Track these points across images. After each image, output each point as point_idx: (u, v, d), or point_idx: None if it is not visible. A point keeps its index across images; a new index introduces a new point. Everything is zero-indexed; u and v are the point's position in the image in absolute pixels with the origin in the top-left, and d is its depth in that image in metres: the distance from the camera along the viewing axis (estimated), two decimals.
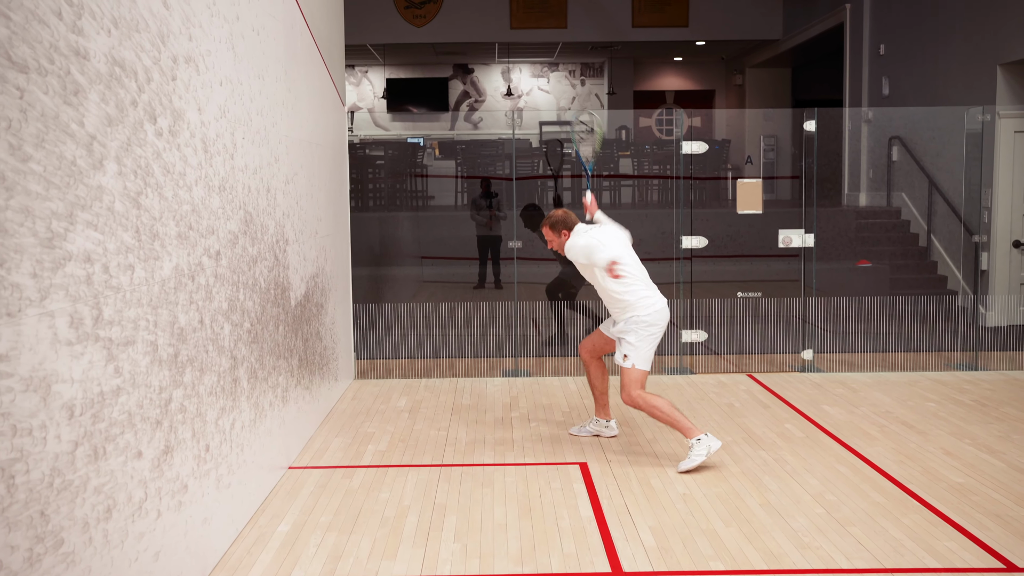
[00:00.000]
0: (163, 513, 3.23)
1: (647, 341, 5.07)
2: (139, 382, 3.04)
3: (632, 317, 5.08)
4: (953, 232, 10.12)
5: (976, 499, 4.48)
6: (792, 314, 7.99)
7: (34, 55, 2.41)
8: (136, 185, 3.05)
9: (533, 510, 4.40)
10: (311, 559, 3.86)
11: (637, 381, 5.05)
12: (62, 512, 2.52)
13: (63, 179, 2.55)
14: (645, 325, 5.06)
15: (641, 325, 5.06)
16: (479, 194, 11.59)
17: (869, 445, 5.37)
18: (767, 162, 16.66)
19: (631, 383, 5.05)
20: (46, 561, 2.43)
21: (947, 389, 6.76)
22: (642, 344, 5.06)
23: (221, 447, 3.88)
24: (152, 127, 3.20)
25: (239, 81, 4.25)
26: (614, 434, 5.57)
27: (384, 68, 19.09)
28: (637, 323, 5.06)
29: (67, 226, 2.57)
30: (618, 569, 3.74)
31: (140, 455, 3.05)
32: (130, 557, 2.95)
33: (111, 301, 2.84)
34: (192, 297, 3.56)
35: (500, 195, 11.66)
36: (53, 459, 2.48)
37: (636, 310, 5.09)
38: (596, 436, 5.58)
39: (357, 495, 4.62)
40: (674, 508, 4.41)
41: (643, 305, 5.09)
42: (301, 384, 5.40)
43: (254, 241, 4.45)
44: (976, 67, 9.73)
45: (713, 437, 4.94)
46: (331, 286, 6.37)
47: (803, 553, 3.87)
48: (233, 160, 4.14)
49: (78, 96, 2.65)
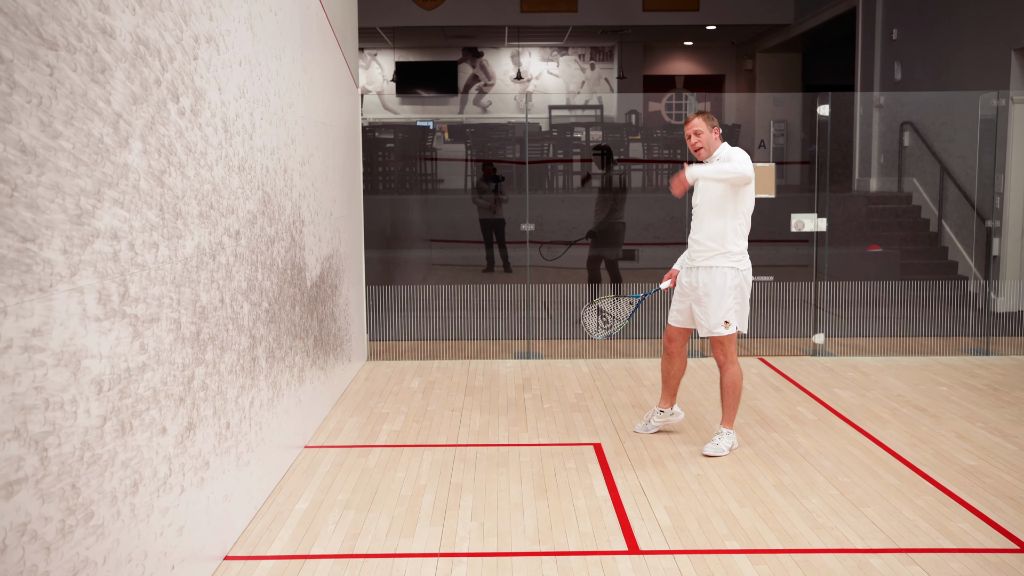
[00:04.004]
0: (186, 489, 3.27)
1: (746, 300, 4.80)
2: (163, 359, 3.07)
3: (730, 269, 4.74)
4: (964, 218, 10.10)
5: (989, 481, 4.50)
6: (803, 299, 7.99)
7: (63, 32, 2.43)
8: (160, 164, 3.07)
9: (548, 490, 4.43)
10: (330, 536, 3.90)
11: (734, 340, 4.83)
12: (92, 485, 2.55)
13: (91, 156, 2.57)
14: (745, 281, 4.77)
15: (743, 278, 4.76)
16: (482, 177, 11.60)
17: (881, 428, 5.38)
18: (777, 147, 16.61)
19: (731, 344, 4.80)
20: (77, 533, 2.46)
21: (959, 374, 6.77)
22: (744, 305, 4.79)
23: (240, 425, 3.92)
24: (175, 106, 3.21)
25: (257, 61, 4.26)
26: (680, 418, 5.32)
27: (394, 51, 19.05)
28: (737, 278, 4.75)
29: (95, 203, 2.59)
30: (635, 548, 3.77)
31: (164, 431, 3.08)
32: (155, 531, 2.99)
33: (136, 278, 2.87)
34: (213, 276, 3.58)
35: (505, 179, 11.64)
36: (83, 433, 2.51)
37: (736, 262, 4.75)
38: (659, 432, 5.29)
39: (373, 474, 4.66)
40: (688, 489, 4.43)
41: (744, 258, 4.77)
42: (316, 364, 5.43)
43: (272, 221, 4.47)
44: (990, 52, 9.68)
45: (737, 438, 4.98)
46: (345, 267, 6.39)
47: (818, 533, 3.90)
48: (252, 140, 4.15)
49: (105, 74, 2.67)
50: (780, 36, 16.99)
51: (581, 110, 18.02)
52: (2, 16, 2.14)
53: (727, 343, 4.84)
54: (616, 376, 6.72)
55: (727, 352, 4.86)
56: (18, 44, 2.20)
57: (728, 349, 4.85)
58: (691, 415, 5.64)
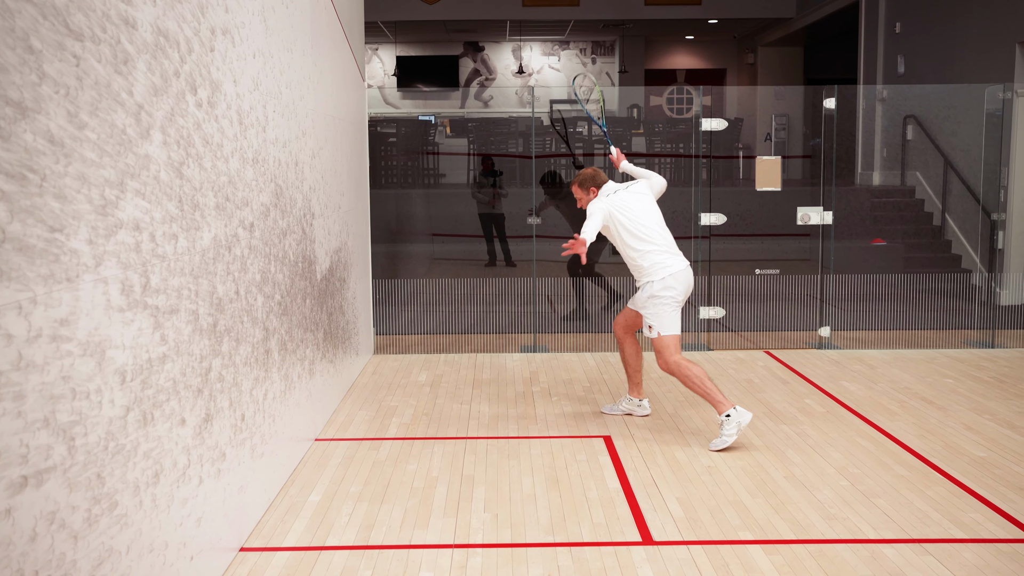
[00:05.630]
0: (204, 480, 3.28)
1: (667, 306, 5.04)
2: (183, 350, 3.08)
3: (648, 283, 5.10)
4: (967, 211, 10.12)
5: (999, 472, 4.52)
6: (809, 292, 8.01)
7: (88, 23, 2.43)
8: (179, 155, 3.08)
9: (560, 481, 4.45)
10: (344, 528, 3.92)
11: (668, 347, 5.02)
12: (116, 475, 2.56)
13: (115, 147, 2.58)
14: (660, 289, 5.05)
15: (657, 289, 5.05)
16: (481, 172, 11.61)
17: (890, 420, 5.40)
18: (778, 141, 16.62)
19: (663, 350, 5.03)
20: (103, 522, 2.47)
21: (965, 366, 6.79)
22: (661, 310, 5.04)
23: (255, 417, 3.93)
24: (193, 98, 3.22)
25: (270, 54, 4.26)
26: (647, 413, 5.54)
27: (395, 45, 19.04)
28: (651, 288, 5.08)
29: (118, 194, 2.60)
30: (648, 539, 3.79)
31: (184, 422, 3.09)
32: (175, 522, 3.00)
33: (157, 269, 2.87)
34: (229, 268, 3.59)
35: (504, 173, 11.65)
36: (108, 423, 2.52)
37: (650, 275, 5.10)
38: (628, 415, 5.58)
39: (385, 466, 4.68)
40: (700, 480, 4.45)
41: (655, 269, 5.09)
42: (326, 357, 5.44)
43: (284, 214, 4.48)
44: (994, 45, 9.69)
45: (743, 410, 4.92)
46: (352, 261, 6.40)
47: (830, 524, 3.92)
48: (265, 133, 4.16)
49: (127, 65, 2.68)
50: (782, 30, 16.99)
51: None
52: (32, 7, 2.14)
53: (662, 349, 5.05)
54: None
55: (665, 359, 5.03)
56: (47, 35, 2.21)
57: (664, 355, 5.04)
58: (698, 407, 5.66)
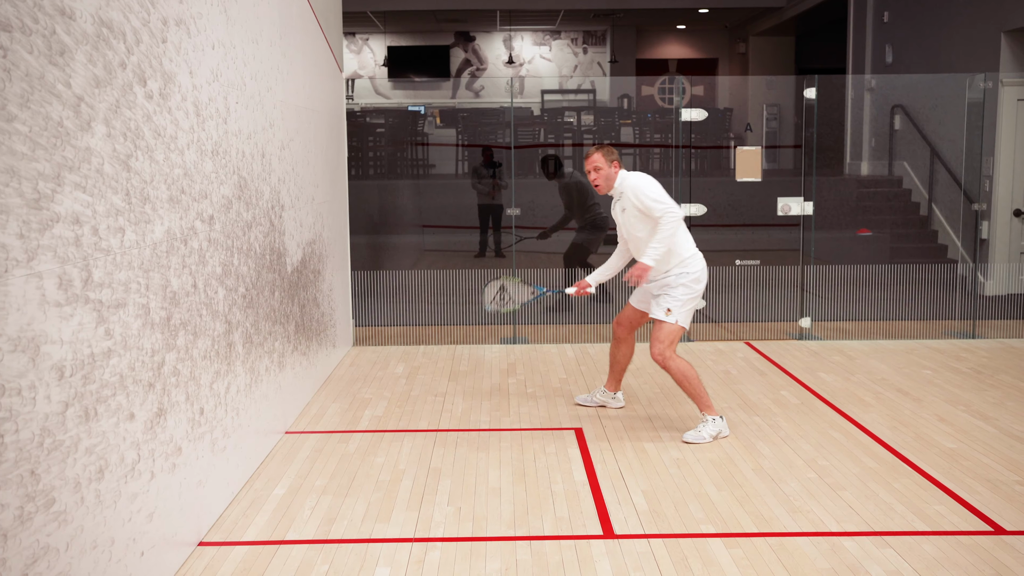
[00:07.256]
0: (156, 475, 3.26)
1: (692, 300, 4.89)
2: (131, 344, 3.05)
3: (683, 273, 4.88)
4: (954, 201, 10.08)
5: (967, 464, 4.50)
6: (791, 282, 7.98)
7: (17, 14, 2.39)
8: (126, 148, 3.04)
9: (527, 474, 4.43)
10: (305, 521, 3.90)
11: (672, 337, 4.87)
12: (53, 472, 2.54)
13: (49, 140, 2.55)
14: (693, 280, 4.88)
15: (691, 279, 4.88)
16: (481, 163, 11.55)
17: (863, 411, 5.38)
18: (769, 131, 16.55)
19: (665, 338, 4.85)
20: (37, 519, 2.45)
21: (944, 357, 6.77)
22: (688, 301, 4.87)
23: (216, 411, 3.90)
24: (142, 90, 3.18)
25: (232, 45, 4.22)
26: (620, 406, 5.51)
27: (385, 35, 18.95)
28: (687, 278, 4.87)
29: (54, 187, 2.57)
30: (610, 532, 3.77)
31: (132, 417, 3.06)
32: (123, 517, 2.98)
33: (101, 263, 2.84)
34: (185, 261, 3.56)
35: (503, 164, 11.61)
36: (43, 419, 2.49)
37: (687, 265, 4.89)
38: (601, 407, 5.54)
39: (353, 459, 4.65)
40: (667, 472, 4.43)
41: (694, 261, 4.91)
42: (298, 350, 5.41)
43: (248, 206, 4.45)
44: (980, 35, 9.64)
45: (726, 424, 4.93)
46: (329, 253, 6.37)
47: (794, 517, 3.90)
48: (226, 124, 4.12)
49: (64, 56, 2.64)
50: (773, 19, 16.90)
51: (574, 94, 17.95)
52: None
53: (664, 337, 4.87)
54: (602, 360, 6.71)
55: (662, 349, 4.87)
56: None
57: (663, 343, 4.88)
58: (673, 400, 5.64)
